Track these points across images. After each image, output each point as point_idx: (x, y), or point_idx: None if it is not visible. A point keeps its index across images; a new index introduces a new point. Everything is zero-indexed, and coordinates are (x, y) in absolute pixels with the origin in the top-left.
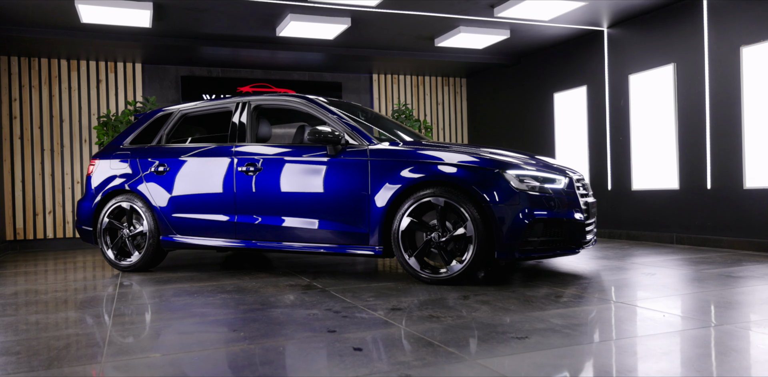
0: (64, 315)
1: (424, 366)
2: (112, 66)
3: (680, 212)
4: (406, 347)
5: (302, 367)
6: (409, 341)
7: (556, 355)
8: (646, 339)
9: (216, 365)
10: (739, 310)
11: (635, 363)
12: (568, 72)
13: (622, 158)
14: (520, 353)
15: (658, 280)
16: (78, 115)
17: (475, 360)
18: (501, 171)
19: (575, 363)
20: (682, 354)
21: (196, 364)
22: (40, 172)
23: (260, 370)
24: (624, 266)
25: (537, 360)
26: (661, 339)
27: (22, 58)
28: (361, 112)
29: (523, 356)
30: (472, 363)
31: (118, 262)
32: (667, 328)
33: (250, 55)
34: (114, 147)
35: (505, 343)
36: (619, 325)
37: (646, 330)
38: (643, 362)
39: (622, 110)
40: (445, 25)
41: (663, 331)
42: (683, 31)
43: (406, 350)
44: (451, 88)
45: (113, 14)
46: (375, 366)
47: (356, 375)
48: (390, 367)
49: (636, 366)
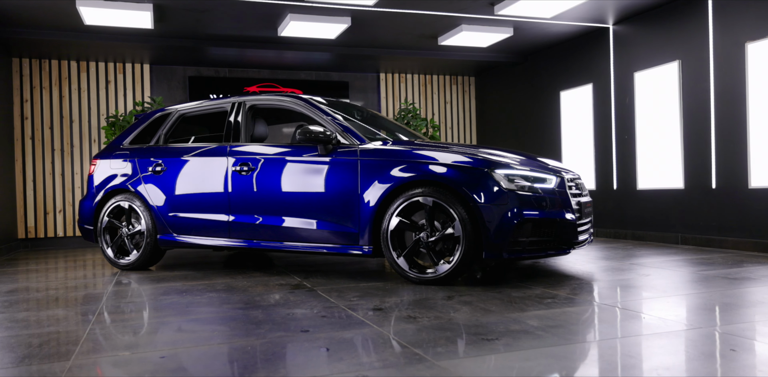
0: (52, 313)
1: (383, 368)
2: (120, 67)
3: (685, 212)
4: (373, 348)
5: (262, 367)
6: (378, 342)
7: (519, 357)
8: (617, 341)
9: (178, 364)
10: (724, 313)
11: (596, 366)
12: (574, 70)
13: (628, 156)
14: (484, 355)
15: (650, 282)
16: (87, 115)
17: (436, 362)
18: (490, 171)
19: (536, 365)
20: (647, 358)
21: (158, 363)
22: (51, 172)
23: (219, 370)
24: (622, 267)
25: (499, 363)
26: (632, 342)
27: (33, 60)
28: (357, 111)
29: (486, 358)
30: (432, 364)
31: (117, 261)
32: (643, 330)
33: (257, 55)
34: (114, 147)
35: (473, 345)
36: (594, 327)
37: (620, 332)
38: (604, 365)
39: (628, 108)
40: (446, 23)
41: (637, 333)
42: (688, 27)
43: (371, 351)
44: (460, 87)
45: (114, 16)
46: (335, 366)
47: (315, 375)
48: (350, 368)
49: (596, 370)
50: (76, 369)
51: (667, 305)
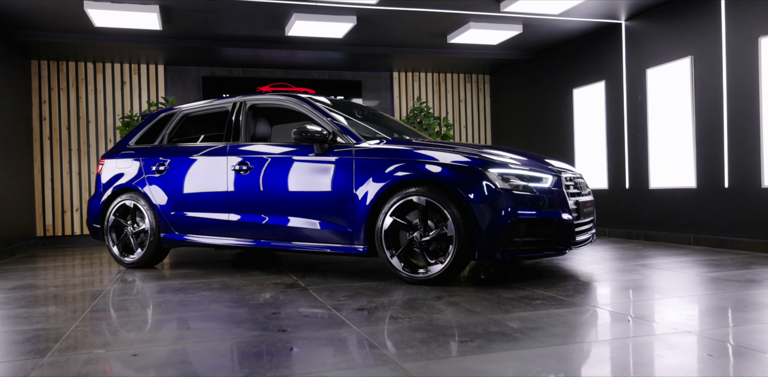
0: (44, 310)
1: (346, 369)
2: (135, 68)
3: (697, 212)
4: (343, 348)
5: (224, 366)
6: (351, 342)
7: (487, 360)
8: (593, 344)
9: (146, 362)
10: (712, 317)
11: (563, 370)
12: (586, 67)
13: (640, 155)
14: (452, 357)
15: (650, 283)
16: (103, 115)
17: (401, 363)
18: (483, 170)
19: (500, 368)
20: (616, 362)
21: (127, 361)
22: (68, 171)
23: (183, 369)
24: (625, 268)
25: (464, 365)
26: (608, 346)
27: (51, 62)
28: (359, 111)
29: (453, 360)
30: (396, 366)
31: (123, 259)
32: (623, 333)
33: (269, 55)
34: (120, 147)
35: (444, 346)
36: (574, 330)
37: (600, 335)
38: (570, 369)
39: (640, 106)
40: (454, 21)
41: (617, 337)
42: (700, 21)
43: (340, 352)
44: (474, 85)
45: (122, 17)
46: (298, 366)
47: (274, 375)
48: (312, 369)
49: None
50: (47, 367)
51: (659, 308)
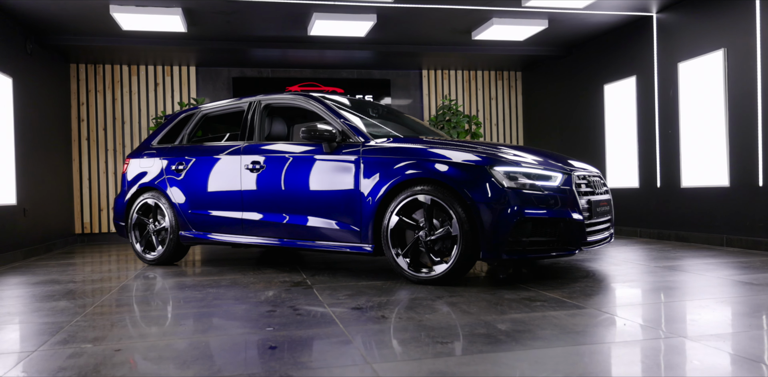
0: (54, 305)
1: (314, 368)
2: (168, 70)
3: (730, 211)
4: (319, 348)
5: (196, 363)
6: (331, 342)
7: (458, 362)
8: (576, 348)
9: (125, 358)
10: (712, 323)
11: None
12: (617, 62)
13: (671, 152)
14: (423, 358)
15: (663, 286)
16: (138, 116)
17: (371, 364)
18: (489, 168)
19: (471, 371)
20: (596, 368)
21: (108, 355)
22: (104, 170)
23: (155, 365)
24: (646, 270)
25: (434, 367)
26: (590, 351)
27: (89, 65)
28: (373, 109)
29: (424, 361)
30: (365, 366)
31: (144, 255)
32: (612, 338)
33: (298, 55)
34: (144, 147)
35: (421, 348)
36: (563, 333)
37: (587, 339)
38: (542, 373)
39: (671, 102)
40: (476, 17)
41: (603, 341)
42: (734, 12)
43: (315, 350)
44: (506, 83)
45: (147, 21)
46: (269, 364)
47: (245, 372)
48: (282, 366)
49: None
50: (33, 360)
51: (664, 312)
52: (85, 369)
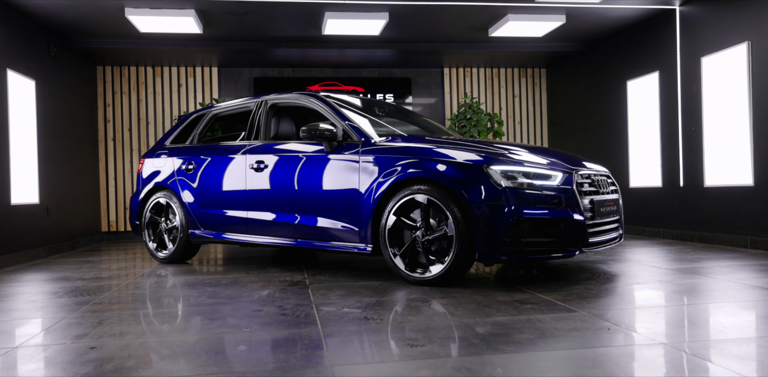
0: (55, 301)
1: (275, 369)
2: (191, 71)
3: (755, 212)
4: (289, 348)
5: (160, 361)
6: (303, 343)
7: (421, 366)
8: (546, 353)
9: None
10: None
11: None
12: (640, 57)
13: (695, 150)
14: (388, 361)
15: (671, 290)
16: (162, 117)
17: (336, 366)
18: (485, 167)
19: (431, 374)
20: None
21: (82, 353)
22: (129, 170)
23: (122, 363)
24: (658, 272)
25: (394, 370)
26: (561, 356)
27: (114, 67)
28: (380, 108)
29: (386, 364)
30: (325, 368)
31: (156, 254)
32: (592, 343)
33: (318, 54)
34: (158, 147)
35: (389, 350)
36: (540, 337)
37: (562, 344)
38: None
39: (695, 98)
40: (491, 14)
41: (579, 347)
42: (757, 3)
43: (286, 351)
44: (529, 80)
45: (162, 23)
46: (231, 365)
47: (204, 372)
48: (246, 368)
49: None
50: (19, 352)
51: (658, 316)
52: (58, 366)
